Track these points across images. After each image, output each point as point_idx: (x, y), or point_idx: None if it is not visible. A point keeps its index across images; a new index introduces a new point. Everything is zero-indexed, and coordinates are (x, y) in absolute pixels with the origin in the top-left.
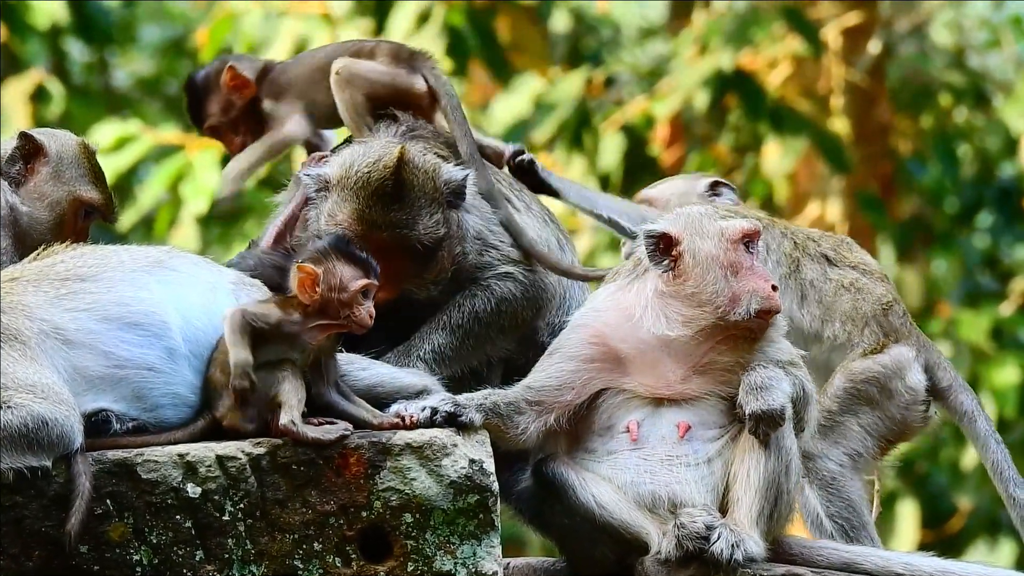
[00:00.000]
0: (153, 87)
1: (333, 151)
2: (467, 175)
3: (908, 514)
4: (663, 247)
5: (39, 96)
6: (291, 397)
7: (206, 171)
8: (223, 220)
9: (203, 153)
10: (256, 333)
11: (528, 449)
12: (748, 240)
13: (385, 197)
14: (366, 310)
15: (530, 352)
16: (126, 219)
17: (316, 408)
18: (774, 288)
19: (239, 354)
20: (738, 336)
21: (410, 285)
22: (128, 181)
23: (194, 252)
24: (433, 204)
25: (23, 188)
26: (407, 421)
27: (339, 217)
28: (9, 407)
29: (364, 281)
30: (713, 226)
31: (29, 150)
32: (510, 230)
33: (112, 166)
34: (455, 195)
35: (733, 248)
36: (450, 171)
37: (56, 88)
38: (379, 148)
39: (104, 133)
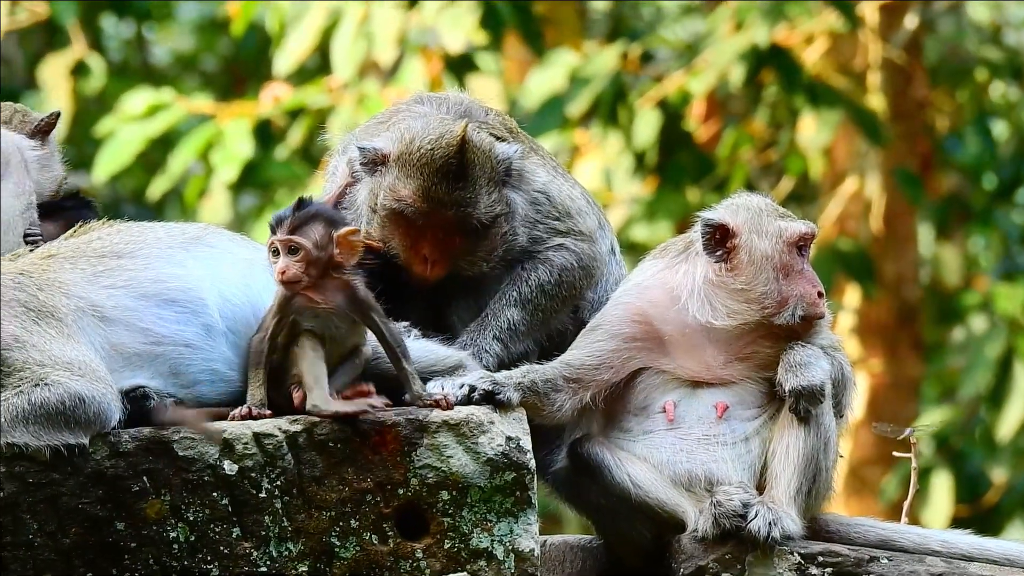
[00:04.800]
0: (191, 63)
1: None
2: (518, 151)
3: (943, 489)
4: (719, 237)
5: (79, 71)
6: (309, 375)
7: (237, 139)
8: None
9: (234, 122)
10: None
11: (562, 425)
12: (803, 243)
13: (449, 175)
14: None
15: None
16: (157, 187)
17: (373, 374)
18: (821, 295)
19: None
20: (780, 334)
21: (462, 262)
22: (159, 149)
23: (225, 221)
24: (491, 183)
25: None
26: (444, 403)
27: (402, 193)
28: (46, 384)
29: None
30: (772, 225)
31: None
32: (555, 204)
33: (143, 133)
34: (507, 173)
35: (788, 250)
36: (503, 148)
37: (96, 63)
38: (438, 124)
39: (136, 101)
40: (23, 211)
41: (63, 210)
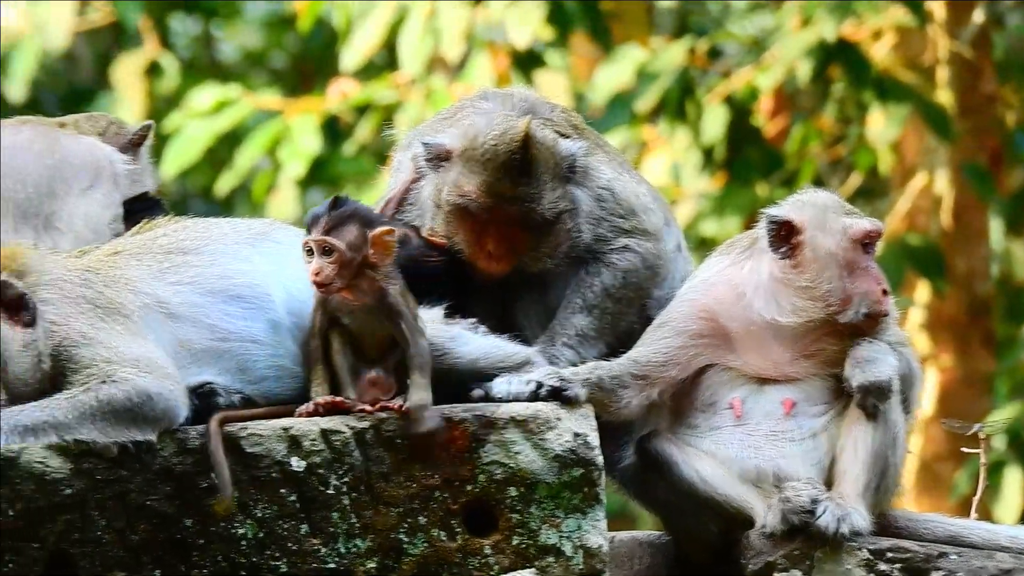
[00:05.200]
0: (258, 59)
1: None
2: (582, 148)
3: (1014, 484)
4: (784, 233)
5: (152, 72)
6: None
7: (304, 135)
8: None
9: (302, 118)
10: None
11: (629, 422)
12: (868, 241)
13: (513, 171)
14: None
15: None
16: (225, 183)
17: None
18: (885, 293)
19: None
20: (845, 331)
21: (526, 258)
22: (227, 145)
23: (293, 217)
24: (555, 179)
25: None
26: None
27: (466, 188)
28: (114, 381)
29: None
30: (837, 222)
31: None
32: (620, 201)
33: (210, 129)
34: (571, 169)
35: (853, 247)
36: (566, 145)
37: (169, 63)
38: (502, 120)
39: (204, 97)
40: (110, 222)
41: (132, 213)
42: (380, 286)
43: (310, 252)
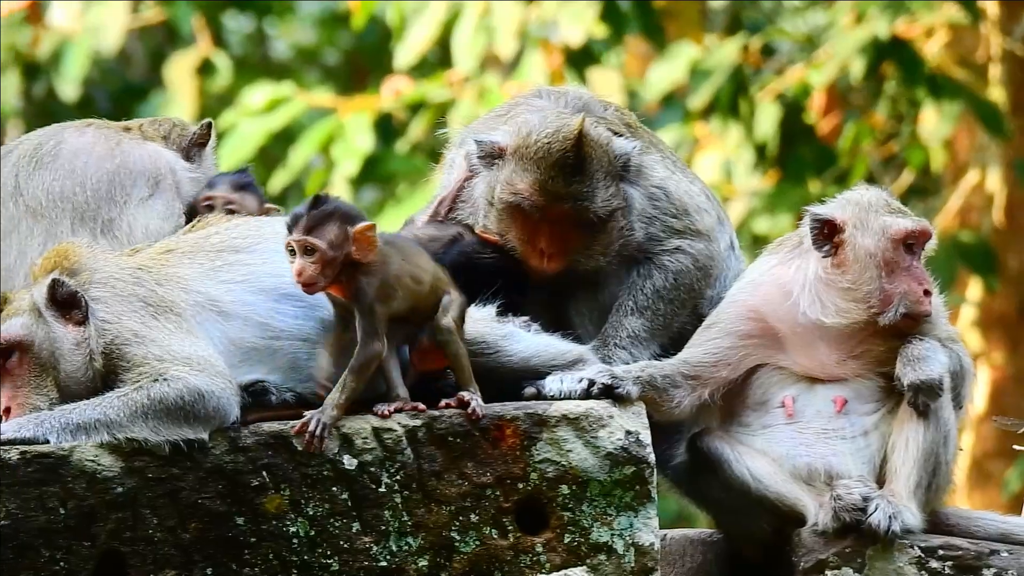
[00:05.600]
0: (311, 57)
1: None
2: (636, 147)
3: None
4: (827, 232)
5: (204, 70)
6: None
7: (358, 133)
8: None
9: (355, 115)
10: None
11: (681, 421)
12: (911, 240)
13: (567, 169)
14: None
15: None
16: (278, 181)
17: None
18: (927, 293)
19: None
20: (890, 331)
21: (579, 256)
22: (280, 143)
23: None
24: (608, 177)
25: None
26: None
27: (519, 187)
28: (165, 379)
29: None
30: (877, 221)
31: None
32: (673, 200)
33: (264, 128)
34: (625, 167)
35: (893, 247)
36: (621, 144)
37: (222, 61)
38: (555, 119)
39: (257, 95)
40: (170, 233)
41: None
42: (356, 280)
43: (292, 252)
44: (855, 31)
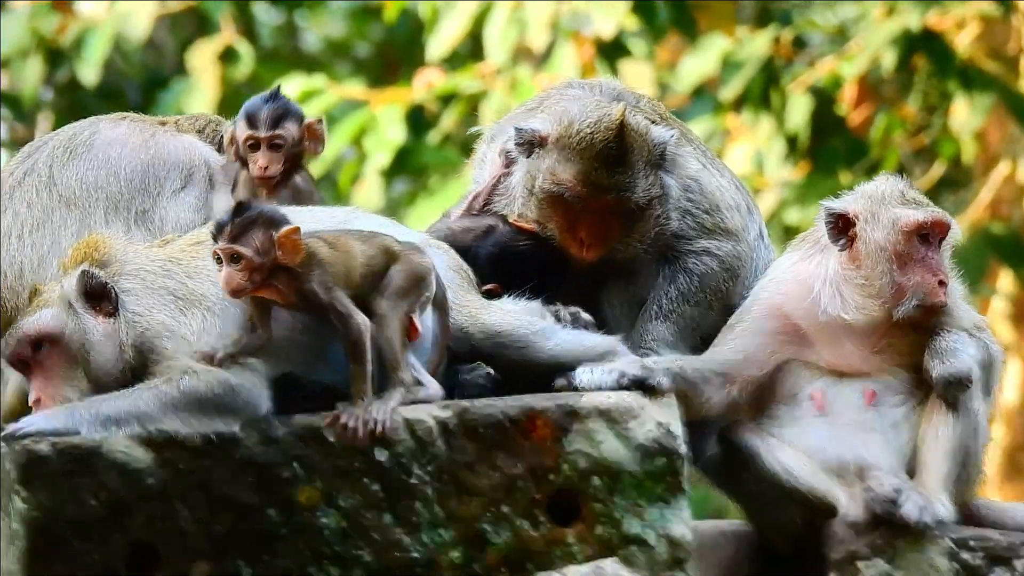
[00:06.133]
0: (343, 49)
1: None
2: (673, 135)
3: None
4: (841, 226)
5: (227, 57)
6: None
7: (389, 125)
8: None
9: (387, 108)
10: None
11: (711, 419)
12: (925, 232)
13: (609, 159)
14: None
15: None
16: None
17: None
18: (942, 283)
19: None
20: (909, 325)
21: (618, 244)
22: None
23: (379, 205)
24: (647, 166)
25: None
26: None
27: (562, 177)
28: (195, 372)
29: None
30: (888, 214)
31: None
32: (706, 194)
33: None
34: (662, 156)
35: (905, 239)
36: (658, 132)
37: (245, 49)
38: (595, 108)
39: (289, 87)
40: (201, 224)
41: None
42: (297, 285)
43: (219, 261)
44: (886, 23)
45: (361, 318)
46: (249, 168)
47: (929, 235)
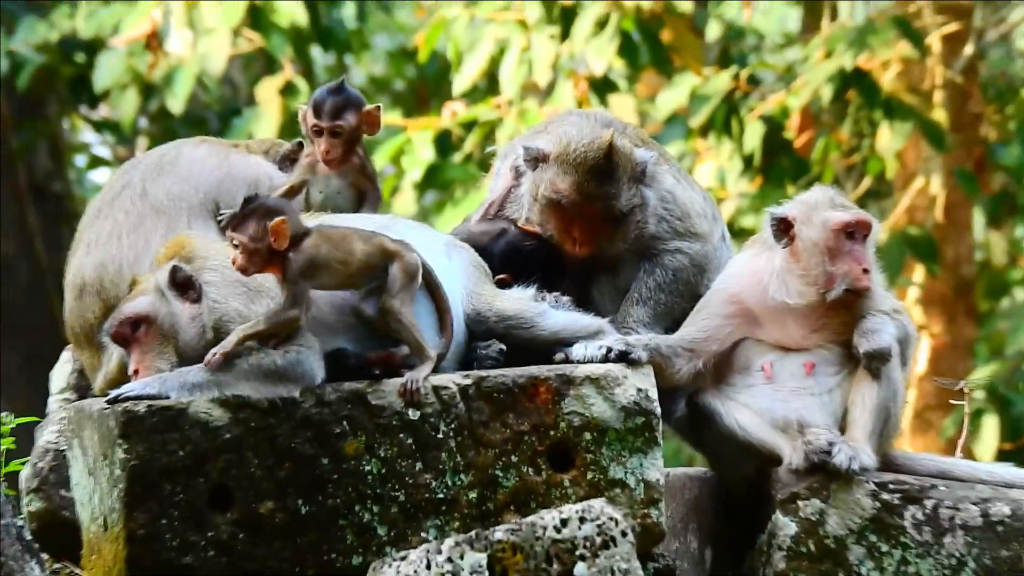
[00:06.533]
0: (384, 85)
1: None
2: (652, 156)
3: (991, 429)
4: (783, 227)
5: (288, 91)
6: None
7: (422, 147)
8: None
9: (420, 133)
10: None
11: (680, 386)
12: (850, 230)
13: (599, 173)
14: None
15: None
16: None
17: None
18: (865, 271)
19: None
20: (840, 307)
21: (604, 243)
22: None
23: (413, 213)
24: (630, 180)
25: None
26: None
27: (560, 187)
28: (264, 350)
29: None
30: (820, 216)
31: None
32: (679, 204)
33: None
34: (643, 172)
35: (835, 236)
36: (640, 153)
37: (302, 85)
38: (589, 131)
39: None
40: None
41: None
42: (283, 261)
43: (233, 245)
44: (825, 64)
45: (295, 314)
46: (315, 147)
47: (855, 232)
